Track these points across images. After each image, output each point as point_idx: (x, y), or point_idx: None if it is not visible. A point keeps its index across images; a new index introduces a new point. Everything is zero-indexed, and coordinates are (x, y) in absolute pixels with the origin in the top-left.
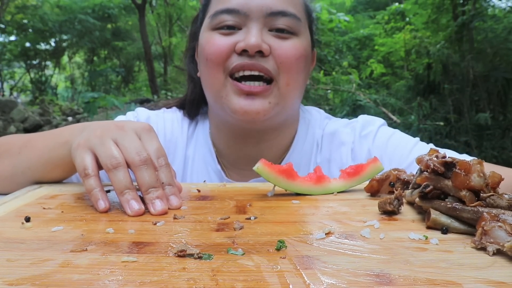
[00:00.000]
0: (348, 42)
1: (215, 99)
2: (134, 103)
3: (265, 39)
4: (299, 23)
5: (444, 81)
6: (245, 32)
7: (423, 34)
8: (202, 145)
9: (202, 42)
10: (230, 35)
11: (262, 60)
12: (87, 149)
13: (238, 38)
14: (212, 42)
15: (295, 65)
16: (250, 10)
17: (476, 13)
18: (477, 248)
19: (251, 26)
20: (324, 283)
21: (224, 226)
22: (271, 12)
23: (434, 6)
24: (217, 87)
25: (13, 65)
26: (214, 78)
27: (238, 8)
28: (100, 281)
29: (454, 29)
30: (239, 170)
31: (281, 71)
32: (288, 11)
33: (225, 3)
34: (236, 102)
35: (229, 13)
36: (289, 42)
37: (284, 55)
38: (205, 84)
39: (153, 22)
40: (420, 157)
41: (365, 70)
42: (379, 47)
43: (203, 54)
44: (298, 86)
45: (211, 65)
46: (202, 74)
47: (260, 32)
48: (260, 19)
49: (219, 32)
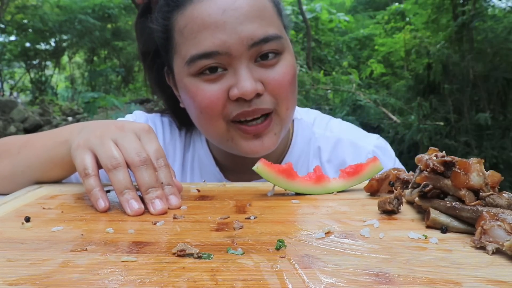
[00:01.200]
0: (348, 42)
1: (220, 143)
2: (134, 103)
3: (256, 76)
4: (281, 41)
5: (444, 81)
6: (233, 74)
7: (423, 34)
8: (199, 150)
9: (189, 90)
10: (217, 80)
11: (259, 101)
12: (87, 149)
13: (228, 82)
14: (201, 95)
15: (290, 89)
16: (230, 49)
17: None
18: (477, 247)
19: (238, 67)
20: (323, 283)
21: (224, 226)
22: (253, 43)
23: (434, 6)
24: (221, 133)
25: (13, 65)
26: (215, 126)
27: (217, 49)
28: (100, 281)
29: (454, 29)
30: (238, 175)
31: (278, 101)
32: (269, 35)
33: (198, 47)
34: (246, 145)
35: (208, 57)
36: (278, 68)
37: (278, 87)
38: (205, 131)
39: None
40: (420, 157)
41: (365, 70)
42: (379, 47)
43: (193, 104)
44: (294, 104)
45: (208, 116)
46: (198, 122)
47: (249, 71)
48: (244, 55)
49: (203, 79)
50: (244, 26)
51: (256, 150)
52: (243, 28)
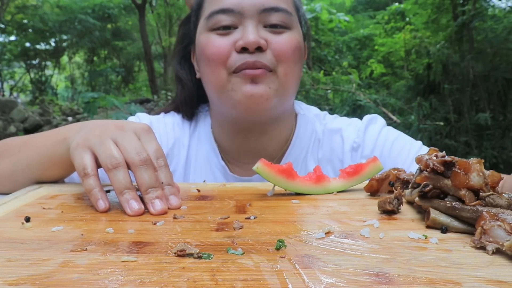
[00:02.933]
0: (348, 42)
1: (219, 94)
2: (134, 103)
3: (262, 35)
4: (291, 18)
5: (444, 81)
6: (241, 31)
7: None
8: (204, 143)
9: (201, 44)
10: (227, 35)
11: (261, 56)
12: (86, 149)
13: (236, 37)
14: (211, 43)
15: (292, 56)
16: (243, 8)
17: (476, 13)
18: (477, 247)
19: (246, 24)
20: (323, 283)
21: (224, 226)
22: (264, 8)
23: (434, 6)
24: (221, 82)
25: (13, 65)
26: (218, 75)
27: (232, 7)
28: (100, 281)
29: (454, 29)
30: (242, 164)
31: (279, 63)
32: (280, 6)
33: (218, 4)
34: (243, 89)
35: (224, 13)
36: (284, 35)
37: (280, 48)
38: (208, 82)
39: (153, 22)
40: (420, 157)
41: (365, 70)
42: (379, 47)
43: (203, 55)
44: (294, 76)
45: (213, 64)
46: (204, 73)
47: (256, 28)
48: (254, 17)
49: (216, 33)
50: None
51: (251, 92)
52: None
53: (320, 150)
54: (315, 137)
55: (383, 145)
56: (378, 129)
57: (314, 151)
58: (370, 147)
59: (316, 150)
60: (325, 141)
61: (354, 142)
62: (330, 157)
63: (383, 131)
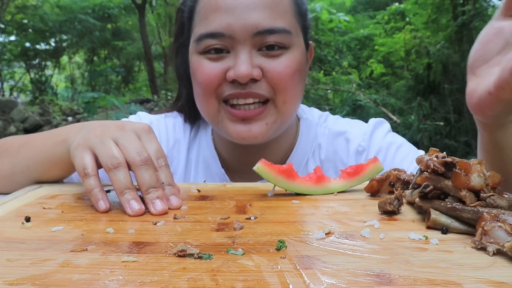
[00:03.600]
0: (348, 42)
1: (212, 123)
2: (134, 103)
3: (256, 61)
4: (289, 36)
5: (444, 81)
6: (233, 57)
7: (423, 34)
8: (205, 149)
9: (192, 66)
10: (219, 60)
11: (255, 86)
12: (87, 149)
13: (228, 64)
14: (201, 69)
15: (290, 82)
16: (234, 32)
17: (476, 13)
18: (477, 248)
19: (238, 50)
20: (324, 283)
21: (224, 226)
22: (257, 31)
23: (434, 6)
24: (212, 113)
25: (13, 65)
26: (208, 104)
27: (222, 31)
28: (100, 281)
29: (454, 29)
30: (242, 174)
31: (276, 91)
32: (275, 27)
33: (207, 27)
34: (232, 128)
35: (213, 38)
36: (281, 60)
37: (277, 76)
38: (200, 108)
39: (153, 22)
40: (420, 157)
41: (365, 70)
42: (379, 47)
43: (195, 79)
44: (295, 100)
45: (203, 92)
46: (196, 97)
47: (249, 56)
48: (247, 41)
49: (207, 57)
50: (252, 14)
51: (242, 135)
52: (251, 15)
53: (322, 152)
54: (317, 142)
55: (387, 151)
56: (384, 134)
57: (315, 155)
58: (375, 151)
59: (318, 154)
60: (327, 143)
61: (359, 145)
62: (333, 159)
63: (388, 137)
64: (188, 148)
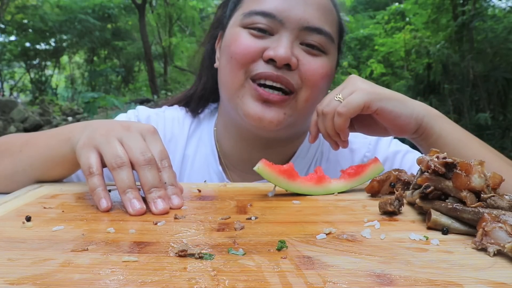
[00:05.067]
0: (348, 42)
1: (230, 98)
2: (134, 103)
3: (295, 52)
4: (331, 43)
5: (444, 81)
6: (276, 40)
7: (423, 34)
8: (205, 144)
9: (229, 38)
10: (260, 38)
11: (288, 73)
12: (92, 148)
13: (268, 44)
14: (240, 41)
15: (319, 83)
16: (286, 18)
17: (476, 13)
18: (478, 249)
19: (283, 35)
20: (325, 283)
21: (225, 226)
22: (307, 26)
23: (434, 6)
24: (235, 86)
25: (13, 65)
26: (234, 77)
27: (275, 13)
28: (101, 281)
29: (454, 29)
30: (240, 173)
31: (304, 86)
32: (324, 29)
33: (262, 4)
34: (252, 106)
35: (264, 16)
36: (318, 59)
37: (310, 72)
38: (223, 80)
39: (153, 22)
40: (421, 158)
41: (365, 70)
42: (379, 47)
43: (227, 50)
44: (315, 103)
45: (234, 63)
46: (222, 69)
47: (291, 43)
48: (294, 31)
49: (249, 32)
50: (309, 8)
51: (259, 116)
52: (308, 9)
53: (324, 161)
54: (320, 150)
55: (394, 160)
56: (388, 143)
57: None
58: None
59: (319, 161)
60: (330, 153)
61: (364, 156)
62: (335, 168)
63: (393, 145)
64: (186, 144)
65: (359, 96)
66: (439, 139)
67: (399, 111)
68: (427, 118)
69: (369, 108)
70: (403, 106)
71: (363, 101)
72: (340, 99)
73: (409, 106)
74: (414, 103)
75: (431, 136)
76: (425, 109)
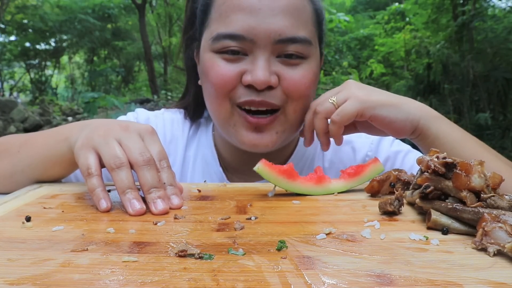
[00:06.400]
0: (348, 42)
1: (222, 126)
2: (134, 103)
3: (273, 68)
4: (309, 47)
5: (444, 81)
6: (251, 61)
7: (423, 34)
8: (204, 147)
9: (205, 64)
10: (235, 61)
11: (270, 94)
12: (91, 149)
13: (245, 67)
14: (215, 70)
15: (305, 93)
16: (256, 36)
17: (476, 13)
18: (478, 249)
19: (257, 55)
20: (325, 284)
21: (225, 226)
22: (280, 39)
23: (434, 6)
24: (224, 115)
25: (13, 65)
26: (221, 106)
27: (244, 34)
28: (101, 281)
29: (454, 29)
30: (241, 175)
31: (289, 100)
32: (298, 36)
33: (228, 26)
34: (245, 135)
35: (233, 39)
36: (298, 69)
37: (293, 86)
38: (210, 109)
39: (153, 22)
40: (421, 158)
41: (365, 70)
42: (379, 47)
43: (206, 78)
44: (304, 110)
45: (216, 94)
46: (207, 97)
47: (268, 62)
48: (267, 47)
49: (222, 57)
50: (276, 20)
51: (254, 143)
52: (275, 21)
53: (326, 159)
54: (318, 147)
55: (395, 159)
56: (390, 142)
57: (319, 160)
58: (382, 160)
59: (321, 160)
60: (332, 152)
61: (366, 155)
62: (337, 167)
63: (395, 145)
64: (186, 146)
65: (352, 104)
66: (436, 140)
67: (393, 116)
68: (424, 120)
69: (362, 116)
70: (397, 111)
71: (355, 110)
72: (334, 102)
73: (404, 110)
74: (410, 106)
75: (428, 137)
76: (422, 111)
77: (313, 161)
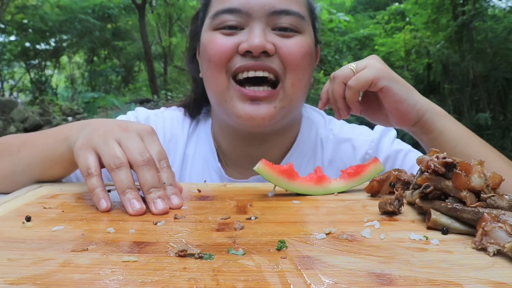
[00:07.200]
0: (348, 42)
1: (219, 102)
2: (134, 103)
3: (269, 38)
4: (302, 21)
5: (444, 81)
6: (247, 32)
7: (423, 34)
8: (203, 143)
9: (204, 43)
10: (232, 35)
11: (267, 60)
12: (90, 149)
13: (241, 38)
14: (214, 42)
15: (301, 63)
16: (251, 9)
17: (476, 13)
18: (478, 249)
19: (253, 26)
20: (324, 283)
21: (225, 226)
22: (273, 11)
23: (434, 6)
24: (221, 89)
25: (13, 65)
26: (217, 80)
27: (240, 7)
28: (101, 281)
29: (454, 29)
30: (240, 169)
31: (287, 70)
32: (291, 9)
33: (225, 3)
34: (241, 107)
35: (230, 13)
36: (293, 40)
37: (289, 54)
38: (208, 86)
39: (153, 22)
40: (421, 158)
41: None
42: (379, 47)
43: (205, 54)
44: (303, 86)
45: (213, 66)
46: (205, 75)
47: (263, 31)
48: (262, 18)
49: (220, 32)
50: None
51: (250, 114)
52: None
53: (326, 156)
54: (318, 142)
55: (396, 158)
56: (390, 141)
57: (318, 156)
58: (383, 159)
59: (321, 155)
60: (331, 148)
61: (366, 153)
62: (337, 165)
63: (395, 144)
64: (186, 143)
65: (369, 71)
66: (441, 136)
67: (403, 96)
68: (430, 113)
69: (376, 85)
70: (408, 94)
71: (372, 76)
72: (353, 68)
73: (414, 96)
74: (420, 96)
75: (431, 132)
76: (429, 104)
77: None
